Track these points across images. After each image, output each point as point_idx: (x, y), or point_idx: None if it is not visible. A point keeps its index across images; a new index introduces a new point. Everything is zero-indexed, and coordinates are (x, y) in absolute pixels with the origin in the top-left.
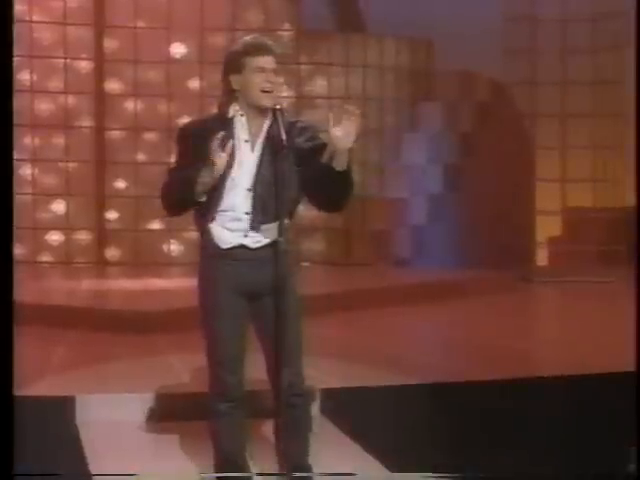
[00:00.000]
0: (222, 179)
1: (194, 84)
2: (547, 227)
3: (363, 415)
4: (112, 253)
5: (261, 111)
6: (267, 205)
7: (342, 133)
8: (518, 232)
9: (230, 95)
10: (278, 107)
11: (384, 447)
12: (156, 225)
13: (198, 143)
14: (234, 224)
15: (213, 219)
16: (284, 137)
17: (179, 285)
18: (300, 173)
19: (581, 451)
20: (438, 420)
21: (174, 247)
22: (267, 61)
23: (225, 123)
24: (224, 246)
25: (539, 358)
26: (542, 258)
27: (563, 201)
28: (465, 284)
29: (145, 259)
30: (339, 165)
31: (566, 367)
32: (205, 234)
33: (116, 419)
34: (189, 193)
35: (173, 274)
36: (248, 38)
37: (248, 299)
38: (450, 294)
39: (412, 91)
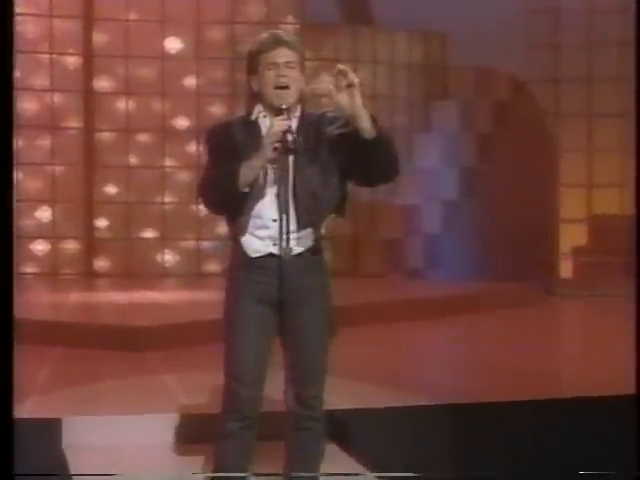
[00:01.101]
0: (246, 189)
1: (190, 82)
2: (572, 236)
3: (371, 438)
4: (101, 264)
5: (275, 110)
6: (297, 211)
7: (348, 97)
8: (540, 241)
9: (253, 97)
10: (284, 107)
11: (393, 470)
12: (149, 233)
13: (227, 144)
14: (262, 232)
15: (242, 226)
16: (290, 138)
17: (174, 298)
18: (339, 161)
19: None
20: (452, 444)
21: (168, 257)
22: (279, 54)
23: (249, 125)
24: (253, 255)
25: (563, 378)
26: (566, 269)
27: (589, 208)
28: (483, 298)
29: (137, 270)
30: (366, 132)
31: (593, 388)
32: (234, 241)
33: (106, 443)
34: (233, 183)
35: (167, 286)
36: (262, 35)
37: (276, 311)
38: (466, 308)
39: (425, 89)
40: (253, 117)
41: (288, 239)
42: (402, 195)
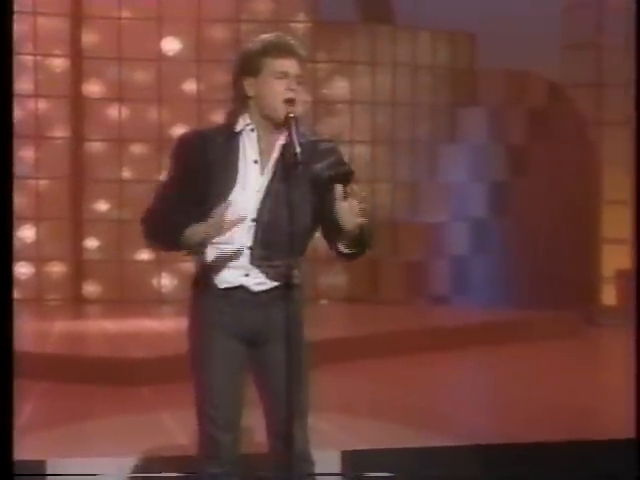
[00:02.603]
0: (222, 205)
1: (190, 86)
2: (616, 258)
3: None
4: (91, 288)
5: (276, 125)
6: (273, 239)
7: (348, 209)
8: (580, 264)
9: (241, 103)
10: (292, 115)
11: None
12: (144, 255)
13: (197, 162)
14: (234, 261)
15: (209, 253)
16: (298, 150)
17: (172, 327)
18: (314, 204)
19: None
20: None
21: (166, 281)
22: (291, 65)
23: (231, 138)
24: (221, 285)
25: (606, 417)
26: (609, 296)
27: (635, 227)
28: (516, 327)
29: (131, 296)
30: (348, 226)
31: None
32: (199, 268)
33: None
34: (174, 240)
35: (164, 314)
36: (269, 36)
37: (248, 345)
38: (497, 339)
39: (451, 94)
40: (237, 128)
41: (262, 271)
42: (425, 213)
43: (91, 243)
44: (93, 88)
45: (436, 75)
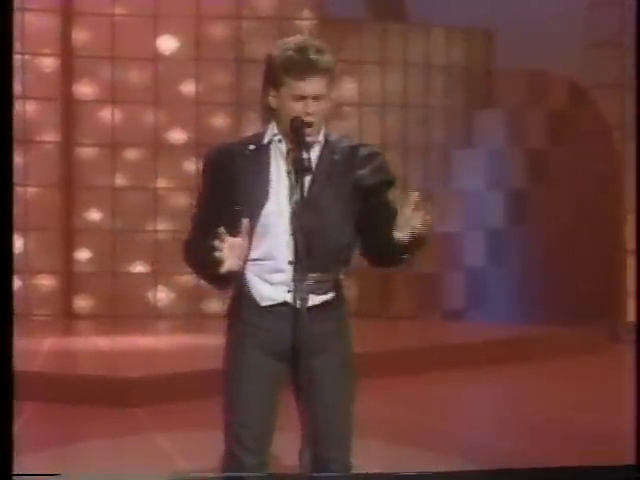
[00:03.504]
0: (260, 220)
1: (188, 88)
2: None
3: None
4: (82, 303)
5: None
6: (315, 252)
7: (412, 219)
8: (602, 277)
9: (267, 112)
10: (300, 119)
11: None
12: (139, 267)
13: (226, 179)
14: (275, 276)
15: (250, 268)
16: (305, 156)
17: (168, 344)
18: (357, 212)
19: None
20: None
21: (162, 295)
22: (310, 86)
23: (261, 150)
24: (263, 303)
25: (632, 441)
26: (634, 311)
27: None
28: (535, 343)
29: (125, 310)
30: (401, 237)
31: None
32: (240, 285)
33: None
34: (213, 263)
35: (161, 330)
36: (292, 44)
37: (288, 362)
38: (515, 356)
39: (466, 96)
40: (266, 140)
41: (306, 286)
42: (439, 222)
43: (82, 254)
44: (85, 89)
45: (450, 75)
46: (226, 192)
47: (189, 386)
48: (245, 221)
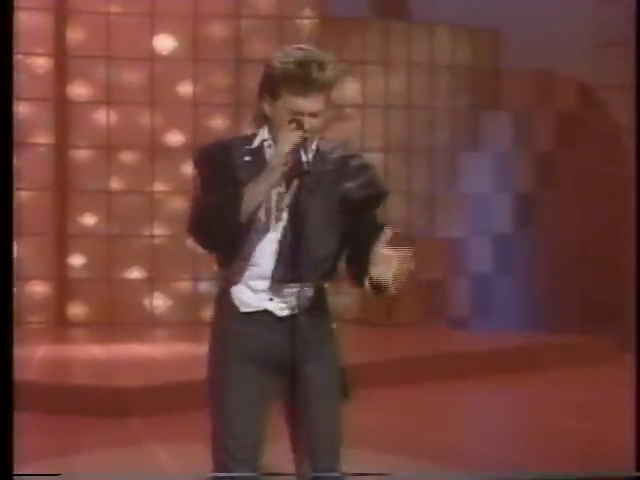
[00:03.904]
0: (247, 223)
1: (186, 89)
2: None
3: None
4: (77, 310)
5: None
6: (300, 260)
7: (388, 261)
8: (614, 284)
9: (260, 116)
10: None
11: None
12: (135, 273)
13: (226, 166)
14: (258, 283)
15: (236, 273)
16: (304, 158)
17: (165, 352)
18: (344, 223)
19: None
20: None
21: (159, 302)
22: (309, 105)
23: (252, 151)
24: (243, 309)
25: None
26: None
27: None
28: (543, 352)
29: (120, 318)
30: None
31: None
32: (222, 290)
33: None
34: (233, 212)
35: (157, 338)
36: (294, 56)
37: (274, 372)
38: (523, 365)
39: (472, 97)
40: (255, 144)
41: (289, 294)
42: (444, 227)
43: (77, 260)
44: (79, 90)
45: (456, 76)
46: (227, 180)
47: (187, 396)
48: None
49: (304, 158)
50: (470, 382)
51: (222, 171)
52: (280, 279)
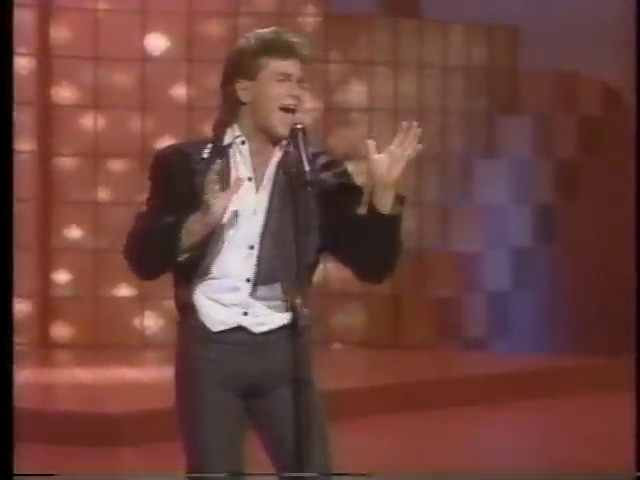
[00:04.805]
0: (211, 232)
1: (179, 91)
2: None
3: None
4: (61, 331)
5: (272, 136)
6: (277, 269)
7: (388, 160)
8: None
9: (232, 111)
10: (299, 126)
11: None
12: (124, 290)
13: (180, 179)
14: (229, 296)
15: (198, 288)
16: (307, 168)
17: (157, 377)
18: (324, 220)
19: None
20: None
21: (150, 322)
22: (294, 66)
23: (218, 153)
24: (215, 328)
25: None
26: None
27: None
28: (566, 376)
29: (108, 339)
30: (382, 207)
31: None
32: (187, 308)
33: None
34: (169, 247)
35: (148, 361)
36: (265, 31)
37: (246, 396)
38: (545, 390)
39: (489, 100)
40: (226, 142)
41: (267, 307)
42: (458, 240)
43: (61, 277)
44: (64, 93)
45: (470, 77)
46: (178, 198)
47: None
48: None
49: (307, 167)
50: (487, 409)
51: (172, 186)
52: (256, 290)
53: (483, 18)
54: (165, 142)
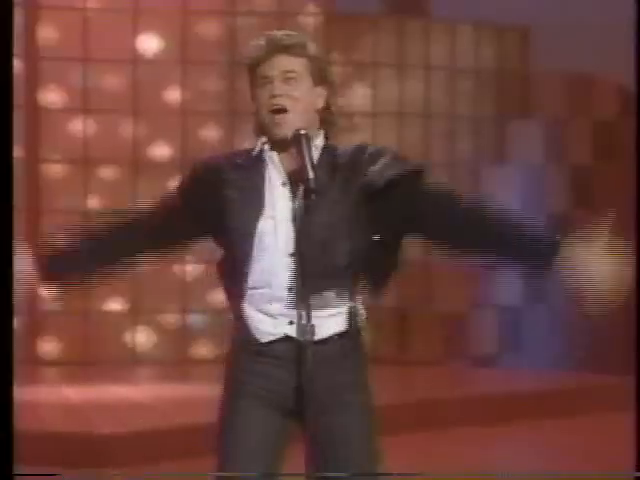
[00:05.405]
0: (253, 241)
1: (173, 95)
2: None
3: None
4: (49, 347)
5: (273, 141)
6: (321, 275)
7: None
8: None
9: (255, 121)
10: (302, 132)
11: None
12: (115, 304)
13: (209, 200)
14: (273, 307)
15: (245, 299)
16: (311, 176)
17: (149, 396)
18: (372, 221)
19: None
20: None
21: (142, 338)
22: (273, 64)
23: (251, 163)
24: (262, 339)
25: None
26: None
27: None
28: (581, 395)
29: (98, 355)
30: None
31: None
32: (236, 320)
33: None
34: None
35: (140, 378)
36: (258, 40)
37: (294, 415)
38: (557, 409)
39: (499, 104)
40: (255, 151)
41: (310, 316)
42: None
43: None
44: (52, 96)
45: (479, 80)
46: (207, 215)
47: (174, 444)
48: (237, 244)
49: (310, 175)
50: (498, 428)
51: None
52: (301, 298)
53: (492, 18)
54: (158, 148)
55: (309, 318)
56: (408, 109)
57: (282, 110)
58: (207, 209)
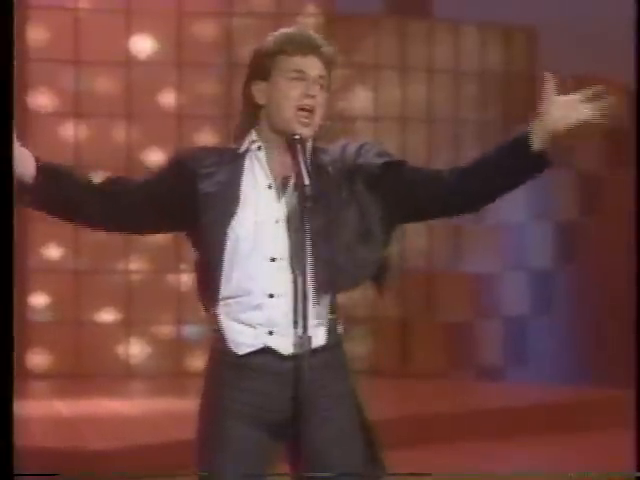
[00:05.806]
0: (225, 246)
1: (167, 98)
2: None
3: None
4: (39, 359)
5: (289, 138)
6: (301, 283)
7: (566, 106)
8: None
9: (249, 116)
10: (296, 137)
11: None
12: (107, 315)
13: (189, 185)
14: (252, 315)
15: (221, 309)
16: (307, 182)
17: (143, 409)
18: (388, 200)
19: None
20: None
21: (135, 350)
22: (311, 64)
23: (234, 160)
24: (240, 351)
25: None
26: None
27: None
28: (589, 409)
29: (90, 368)
30: (533, 142)
31: None
32: (214, 332)
33: None
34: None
35: (133, 392)
36: (286, 30)
37: (278, 433)
38: (564, 423)
39: (505, 108)
40: (242, 149)
41: (307, 326)
42: (472, 260)
43: (38, 300)
44: (42, 99)
45: (485, 83)
46: (183, 201)
47: (168, 459)
48: (209, 243)
49: (307, 181)
50: (503, 444)
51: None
52: (282, 306)
53: (498, 19)
54: (152, 153)
55: (305, 329)
56: (411, 113)
57: (310, 112)
58: (181, 197)
